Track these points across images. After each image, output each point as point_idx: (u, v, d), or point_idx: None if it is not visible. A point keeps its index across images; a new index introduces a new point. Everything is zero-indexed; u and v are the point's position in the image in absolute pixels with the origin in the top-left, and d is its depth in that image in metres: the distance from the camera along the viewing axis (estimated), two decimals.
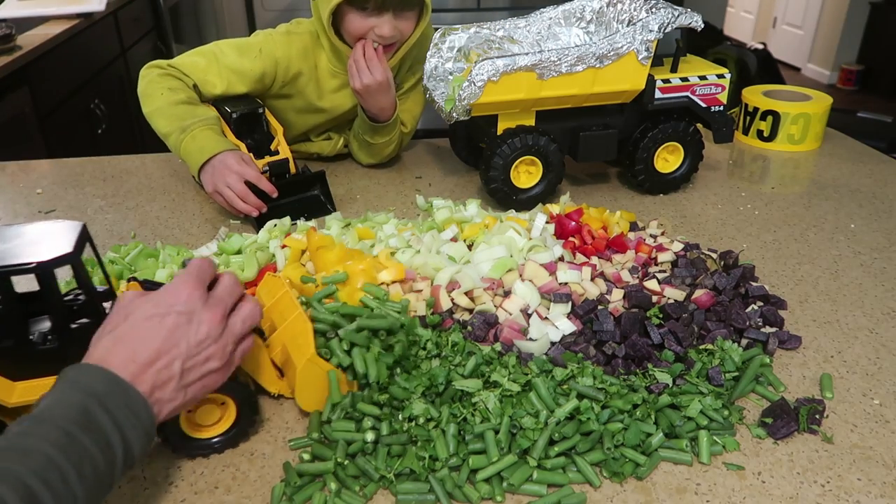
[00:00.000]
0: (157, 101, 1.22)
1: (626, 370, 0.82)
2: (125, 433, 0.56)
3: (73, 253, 0.63)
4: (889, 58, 5.12)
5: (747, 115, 1.59)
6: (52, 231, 0.66)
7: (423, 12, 1.31)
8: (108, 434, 0.55)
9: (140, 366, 0.59)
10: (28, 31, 2.32)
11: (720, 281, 0.95)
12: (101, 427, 0.55)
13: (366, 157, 1.45)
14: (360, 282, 0.89)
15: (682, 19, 1.19)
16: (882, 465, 0.72)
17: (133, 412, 0.57)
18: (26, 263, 0.61)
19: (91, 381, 0.57)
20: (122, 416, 0.56)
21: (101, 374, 0.58)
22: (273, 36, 1.32)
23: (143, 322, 0.62)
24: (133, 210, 1.29)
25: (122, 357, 0.59)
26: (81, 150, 2.40)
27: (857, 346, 0.91)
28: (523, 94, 1.17)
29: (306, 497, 0.67)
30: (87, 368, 0.58)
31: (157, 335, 0.61)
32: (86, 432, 0.54)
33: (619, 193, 1.35)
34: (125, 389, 0.58)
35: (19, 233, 0.66)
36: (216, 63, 1.28)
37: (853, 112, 3.20)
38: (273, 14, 3.50)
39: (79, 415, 0.54)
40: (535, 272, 0.93)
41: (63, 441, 0.52)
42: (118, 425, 0.56)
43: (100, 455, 0.54)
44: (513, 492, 0.69)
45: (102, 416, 0.55)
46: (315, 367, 0.74)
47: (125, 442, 0.56)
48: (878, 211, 1.29)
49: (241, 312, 0.68)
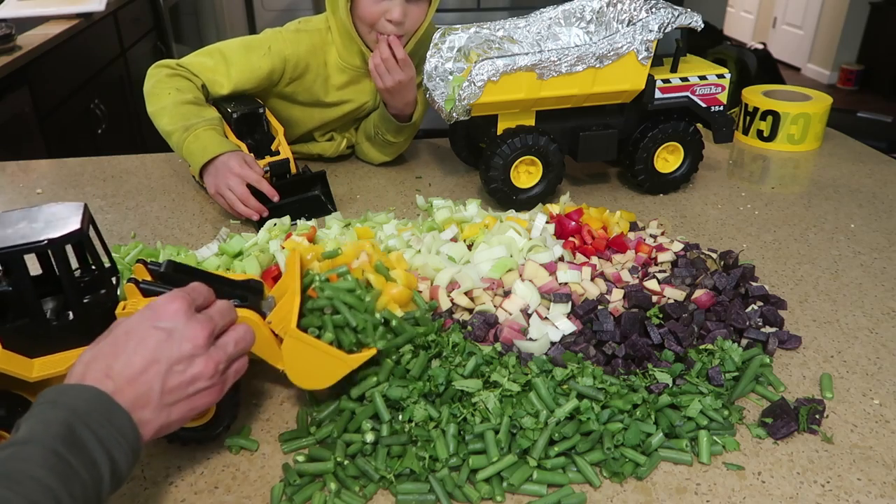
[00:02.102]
0: (163, 100, 1.22)
1: (626, 370, 0.82)
2: (111, 452, 0.54)
3: (81, 230, 0.66)
4: (889, 58, 5.12)
5: (747, 115, 1.59)
6: (55, 212, 0.68)
7: (431, 2, 1.31)
8: (92, 452, 0.53)
9: (118, 382, 0.57)
10: (28, 31, 2.32)
11: (720, 281, 0.95)
12: (85, 445, 0.52)
13: (380, 156, 1.45)
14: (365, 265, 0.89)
15: (682, 19, 1.19)
16: (882, 465, 0.72)
17: (117, 429, 0.55)
18: (38, 241, 0.64)
19: (71, 400, 0.54)
20: (106, 434, 0.54)
21: (83, 392, 0.55)
22: (282, 34, 1.32)
23: (122, 337, 0.59)
24: (133, 210, 1.29)
25: (99, 374, 0.57)
26: (81, 150, 2.40)
27: (857, 346, 0.91)
28: (523, 94, 1.17)
29: (306, 497, 0.67)
30: (67, 388, 0.56)
31: (135, 351, 0.58)
32: (72, 451, 0.51)
33: (619, 193, 1.35)
34: (107, 406, 0.55)
35: (24, 216, 0.68)
36: (224, 63, 1.28)
37: (853, 112, 3.20)
38: (273, 14, 3.50)
39: (63, 433, 0.52)
40: (535, 272, 0.93)
41: (51, 461, 0.50)
42: (102, 443, 0.53)
43: (86, 474, 0.52)
44: (513, 492, 0.69)
45: (86, 434, 0.53)
46: (297, 343, 0.72)
47: (111, 461, 0.54)
48: (878, 211, 1.29)
49: (234, 334, 0.65)
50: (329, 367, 0.73)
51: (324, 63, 1.35)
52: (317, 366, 0.73)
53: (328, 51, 1.35)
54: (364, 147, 1.47)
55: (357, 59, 1.34)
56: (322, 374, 0.73)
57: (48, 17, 2.49)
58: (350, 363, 0.73)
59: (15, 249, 0.63)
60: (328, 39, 1.34)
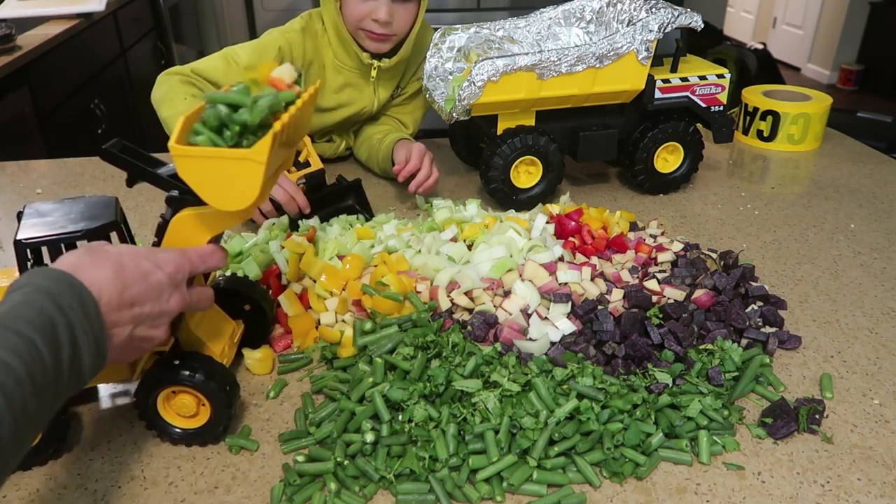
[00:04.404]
0: (179, 106, 1.19)
1: (626, 370, 0.82)
2: (77, 337, 0.54)
3: (116, 220, 0.70)
4: (889, 58, 5.12)
5: (747, 115, 1.59)
6: (90, 204, 0.72)
7: (420, 3, 1.30)
8: (59, 334, 0.53)
9: (116, 301, 0.59)
10: (28, 31, 2.32)
11: (720, 281, 0.95)
12: (55, 327, 0.52)
13: (379, 172, 1.44)
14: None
15: (682, 19, 1.19)
16: (882, 465, 0.72)
17: (85, 313, 0.55)
18: (75, 231, 0.67)
19: (43, 280, 0.55)
20: (75, 319, 0.54)
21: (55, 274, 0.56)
22: (289, 34, 1.31)
23: (132, 264, 0.61)
24: (133, 210, 1.29)
25: (104, 285, 0.58)
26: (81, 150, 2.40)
27: (857, 346, 0.91)
28: (523, 94, 1.17)
29: (306, 497, 0.67)
30: (39, 270, 0.56)
31: (140, 283, 0.61)
32: (38, 331, 0.51)
33: (619, 193, 1.35)
34: (79, 291, 0.56)
35: (56, 207, 0.71)
36: (236, 65, 1.26)
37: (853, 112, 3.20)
38: (273, 14, 3.50)
39: (32, 316, 0.52)
40: (535, 272, 0.93)
41: (13, 340, 0.50)
42: (71, 328, 0.54)
43: (49, 357, 0.51)
44: (513, 492, 0.69)
45: (57, 317, 0.53)
46: (184, 160, 0.63)
47: (74, 346, 0.54)
48: (878, 211, 1.29)
49: (197, 293, 0.69)
50: (234, 174, 0.63)
51: (322, 66, 1.35)
52: (220, 177, 0.64)
53: (325, 53, 1.35)
54: (363, 158, 1.46)
55: (351, 60, 1.34)
56: (235, 187, 0.64)
57: (48, 17, 2.49)
58: (254, 157, 0.62)
59: (52, 238, 0.67)
60: (324, 41, 1.34)
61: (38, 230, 0.68)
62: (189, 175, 0.65)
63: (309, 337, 0.90)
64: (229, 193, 0.65)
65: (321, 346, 0.89)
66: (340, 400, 0.77)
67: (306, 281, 0.96)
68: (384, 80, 1.39)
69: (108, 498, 0.68)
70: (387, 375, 0.78)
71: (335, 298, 0.93)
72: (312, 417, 0.76)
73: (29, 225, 0.69)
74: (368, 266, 0.98)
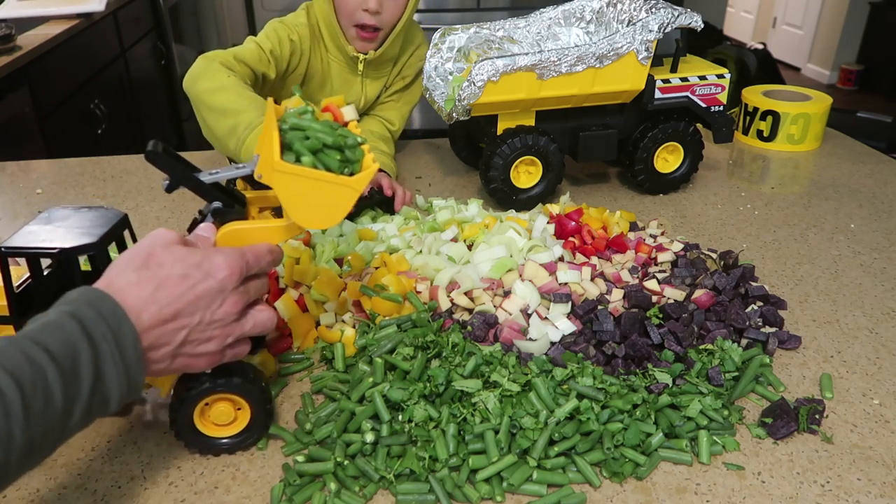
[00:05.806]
0: (220, 80, 1.16)
1: (626, 370, 0.82)
2: (102, 368, 0.54)
3: (94, 243, 0.69)
4: (889, 58, 5.12)
5: (747, 115, 1.59)
6: (95, 217, 0.73)
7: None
8: (80, 367, 0.52)
9: (156, 319, 0.58)
10: (28, 31, 2.32)
11: (720, 281, 0.95)
12: (76, 357, 0.52)
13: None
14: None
15: (682, 19, 1.19)
16: (882, 465, 0.72)
17: (121, 352, 0.55)
18: (51, 248, 0.67)
19: (87, 312, 0.54)
20: (106, 350, 0.54)
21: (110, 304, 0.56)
22: (299, 29, 1.32)
23: (177, 277, 0.60)
24: (133, 210, 1.29)
25: (144, 306, 0.58)
26: (81, 150, 2.40)
27: (856, 346, 0.91)
28: (523, 94, 1.17)
29: (306, 497, 0.67)
30: (100, 296, 0.56)
31: (184, 296, 0.60)
32: (55, 362, 0.51)
33: (619, 193, 1.35)
34: (124, 330, 0.55)
35: (70, 214, 0.73)
36: (264, 54, 1.27)
37: (853, 112, 3.21)
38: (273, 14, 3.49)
39: (61, 347, 0.51)
40: (535, 272, 0.93)
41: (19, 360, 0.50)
42: (98, 358, 0.53)
43: (59, 389, 0.51)
44: (513, 492, 0.69)
45: (83, 346, 0.52)
46: (285, 177, 0.65)
47: (98, 376, 0.53)
48: (878, 211, 1.29)
49: (258, 317, 0.67)
50: (331, 197, 0.67)
51: (319, 59, 1.36)
52: (316, 198, 0.66)
53: (318, 45, 1.36)
54: None
55: (340, 53, 1.35)
56: (327, 208, 0.67)
57: (48, 17, 2.49)
58: (354, 185, 0.66)
59: (31, 252, 0.67)
60: (317, 34, 1.35)
61: (27, 239, 0.68)
62: (284, 190, 0.66)
63: (309, 338, 0.90)
64: (318, 213, 0.68)
65: (321, 346, 0.89)
66: (340, 400, 0.77)
67: (302, 287, 0.96)
68: (372, 78, 1.41)
69: (108, 498, 0.68)
70: (387, 375, 0.78)
71: (333, 303, 0.92)
72: (312, 417, 0.76)
73: (26, 232, 0.69)
74: (369, 266, 0.98)
